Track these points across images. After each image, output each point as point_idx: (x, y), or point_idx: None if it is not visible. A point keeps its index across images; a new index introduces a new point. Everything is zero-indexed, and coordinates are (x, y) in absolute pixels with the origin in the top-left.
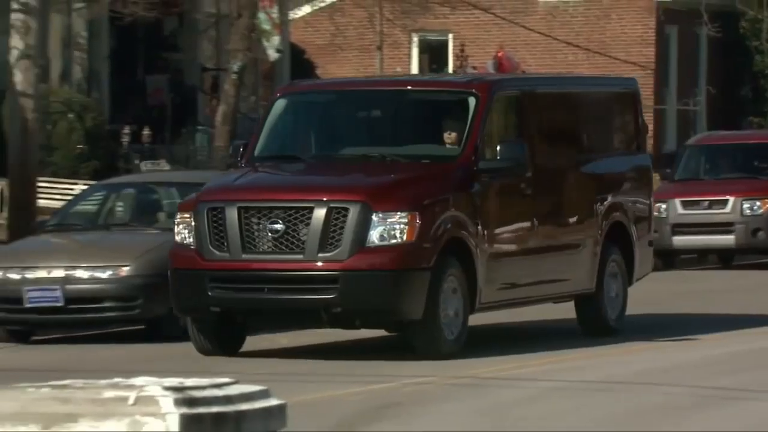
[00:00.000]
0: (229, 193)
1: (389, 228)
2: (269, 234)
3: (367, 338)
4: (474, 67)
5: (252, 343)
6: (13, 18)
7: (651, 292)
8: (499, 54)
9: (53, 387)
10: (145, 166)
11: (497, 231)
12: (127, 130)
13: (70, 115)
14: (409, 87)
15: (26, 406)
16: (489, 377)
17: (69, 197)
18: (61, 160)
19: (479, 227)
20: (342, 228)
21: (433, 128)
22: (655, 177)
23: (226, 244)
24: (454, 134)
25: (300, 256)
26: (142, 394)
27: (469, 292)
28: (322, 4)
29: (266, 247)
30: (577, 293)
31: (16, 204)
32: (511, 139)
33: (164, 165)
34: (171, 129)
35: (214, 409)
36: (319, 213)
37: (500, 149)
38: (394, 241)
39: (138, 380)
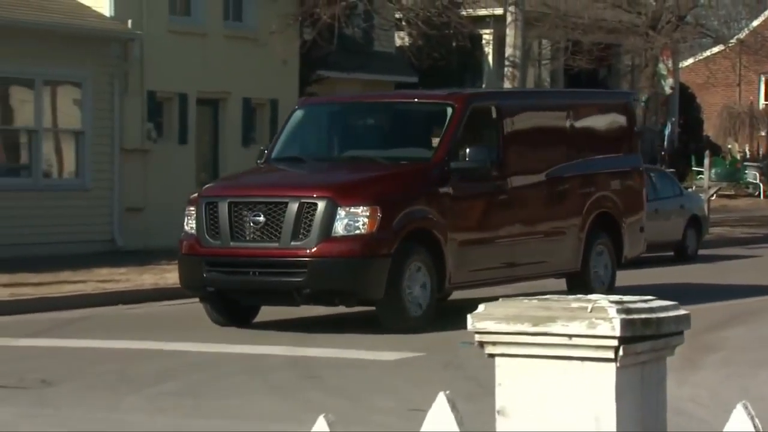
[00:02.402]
0: (223, 190)
1: (352, 220)
2: (252, 225)
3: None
4: None
5: None
6: (506, 70)
7: None
8: None
9: (539, 299)
10: None
11: (467, 221)
12: None
13: None
14: (399, 99)
15: (522, 311)
16: None
17: None
18: None
19: (448, 218)
20: (311, 220)
21: (417, 134)
22: None
23: (218, 233)
24: (437, 139)
25: (276, 244)
26: (596, 305)
27: (438, 275)
28: (700, 57)
29: (250, 236)
30: (560, 272)
31: None
32: (479, 143)
33: None
34: None
35: (643, 315)
36: (293, 207)
37: (469, 152)
38: (356, 231)
39: (593, 296)
